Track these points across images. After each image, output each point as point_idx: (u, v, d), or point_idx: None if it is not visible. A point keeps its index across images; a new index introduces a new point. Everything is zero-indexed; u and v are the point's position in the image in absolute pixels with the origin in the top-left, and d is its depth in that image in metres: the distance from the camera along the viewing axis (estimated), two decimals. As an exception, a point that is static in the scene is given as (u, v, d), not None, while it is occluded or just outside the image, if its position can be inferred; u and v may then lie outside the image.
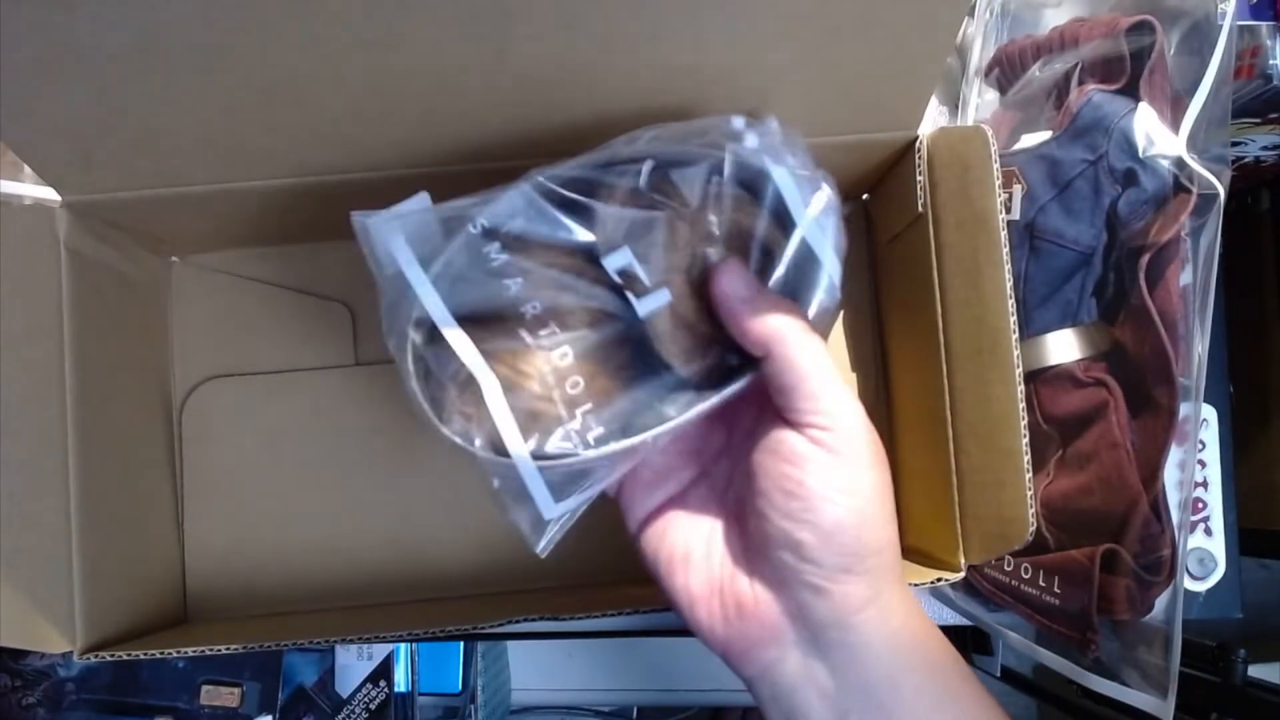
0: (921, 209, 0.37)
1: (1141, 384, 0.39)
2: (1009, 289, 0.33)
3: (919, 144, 0.37)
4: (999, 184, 0.33)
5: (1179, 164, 0.38)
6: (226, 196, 0.36)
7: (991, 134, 0.34)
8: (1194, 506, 0.47)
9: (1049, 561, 0.41)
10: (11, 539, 0.33)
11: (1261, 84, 0.42)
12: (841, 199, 0.31)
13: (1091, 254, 0.40)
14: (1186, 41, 0.39)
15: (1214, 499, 0.47)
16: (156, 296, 0.44)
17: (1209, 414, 0.48)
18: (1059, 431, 0.41)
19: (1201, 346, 0.38)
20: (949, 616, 0.47)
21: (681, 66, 0.31)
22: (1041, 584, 0.41)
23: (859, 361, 0.45)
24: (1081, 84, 0.40)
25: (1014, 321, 0.33)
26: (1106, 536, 0.39)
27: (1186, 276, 0.39)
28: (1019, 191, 0.41)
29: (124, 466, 0.39)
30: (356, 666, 0.56)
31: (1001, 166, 0.34)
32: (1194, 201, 0.38)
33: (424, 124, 0.33)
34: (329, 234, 0.43)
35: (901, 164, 0.39)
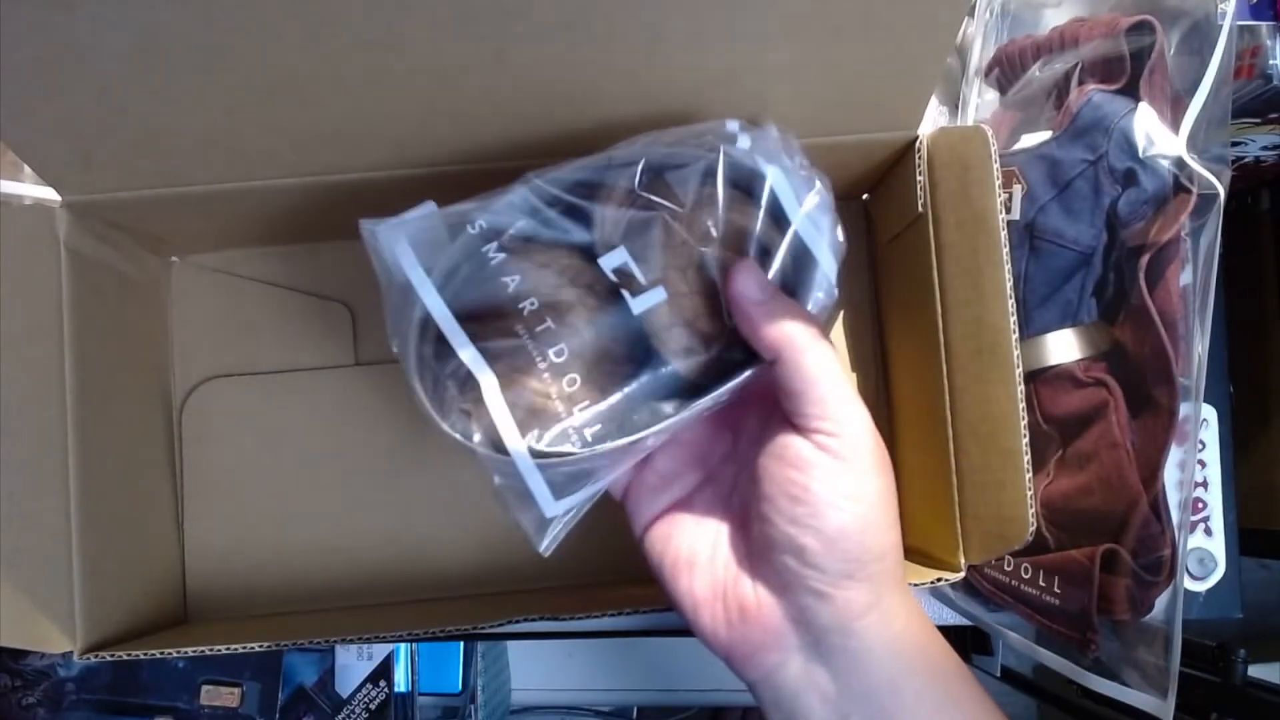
0: (921, 209, 0.37)
1: (1141, 384, 0.39)
2: (1009, 289, 0.33)
3: (919, 144, 0.37)
4: (999, 184, 0.33)
5: (1179, 164, 0.38)
6: (226, 196, 0.36)
7: (991, 134, 0.34)
8: (1194, 506, 0.47)
9: (1049, 561, 0.41)
10: (11, 539, 0.33)
11: (1261, 84, 0.42)
12: (842, 199, 0.32)
13: (1091, 254, 0.40)
14: (1186, 41, 0.39)
15: (1214, 499, 0.47)
16: (156, 296, 0.44)
17: (1209, 414, 0.47)
18: (1059, 431, 0.41)
19: (1201, 346, 0.38)
20: (949, 616, 0.47)
21: (681, 66, 0.31)
22: (1041, 584, 0.41)
23: (859, 361, 0.45)
24: (1081, 84, 0.40)
25: (1014, 321, 0.33)
26: (1106, 536, 0.39)
27: (1186, 276, 0.39)
28: (1019, 191, 0.41)
29: (124, 466, 0.39)
30: (356, 666, 0.56)
31: (1001, 166, 0.34)
32: (1194, 201, 0.38)
33: (424, 124, 0.33)
34: (329, 234, 0.43)
35: (901, 164, 0.39)
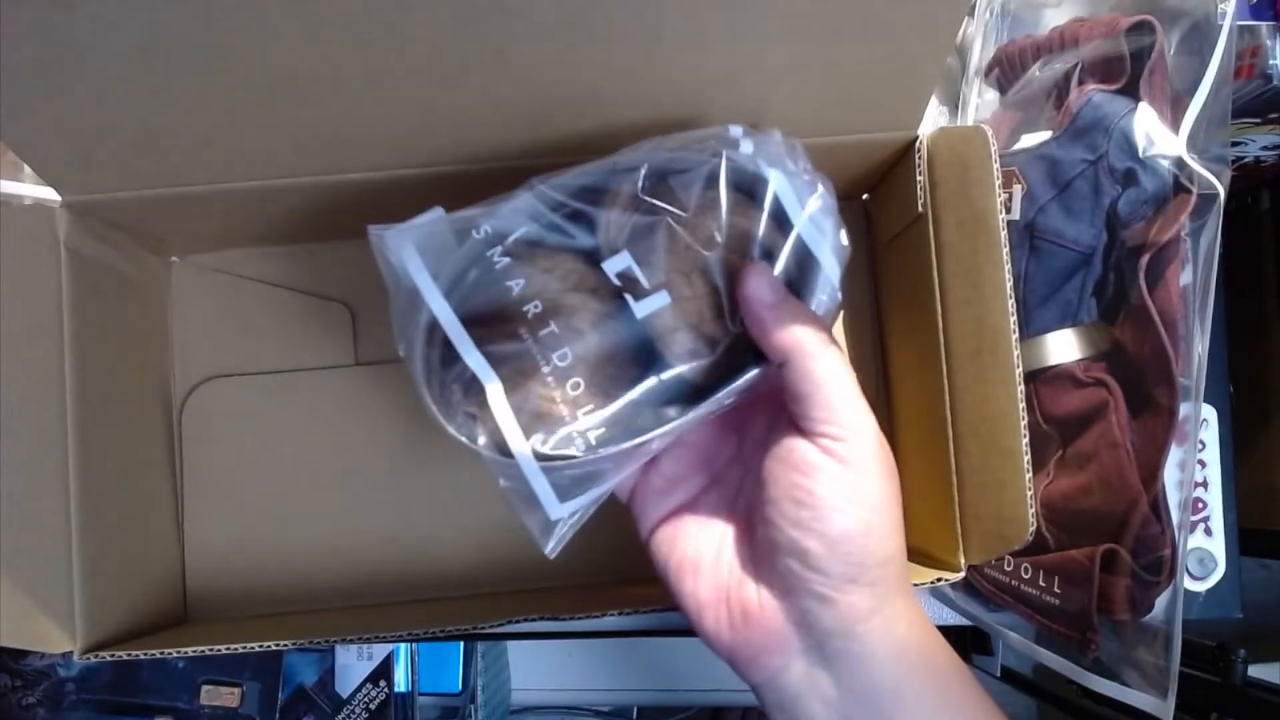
0: (921, 209, 0.37)
1: (1141, 384, 0.39)
2: (1009, 289, 0.33)
3: (919, 144, 0.37)
4: (999, 184, 0.33)
5: (1179, 164, 0.38)
6: (226, 196, 0.36)
7: (991, 134, 0.34)
8: (1194, 506, 0.47)
9: (1049, 561, 0.41)
10: (11, 539, 0.33)
11: (1261, 84, 0.42)
12: (842, 199, 0.32)
13: (1091, 254, 0.40)
14: (1186, 41, 0.39)
15: (1214, 499, 0.47)
16: (156, 296, 0.44)
17: (1209, 414, 0.47)
18: (1059, 431, 0.41)
19: (1201, 346, 0.38)
20: (949, 616, 0.47)
21: (681, 66, 0.31)
22: (1041, 584, 0.41)
23: (859, 361, 0.45)
24: (1081, 84, 0.40)
25: (1014, 321, 0.33)
26: (1106, 536, 0.39)
27: (1186, 276, 0.39)
28: (1019, 191, 0.41)
29: (124, 466, 0.39)
30: (356, 666, 0.56)
31: (1001, 166, 0.34)
32: (1194, 201, 0.38)
33: (424, 124, 0.33)
34: (329, 234, 0.43)
35: (901, 164, 0.39)
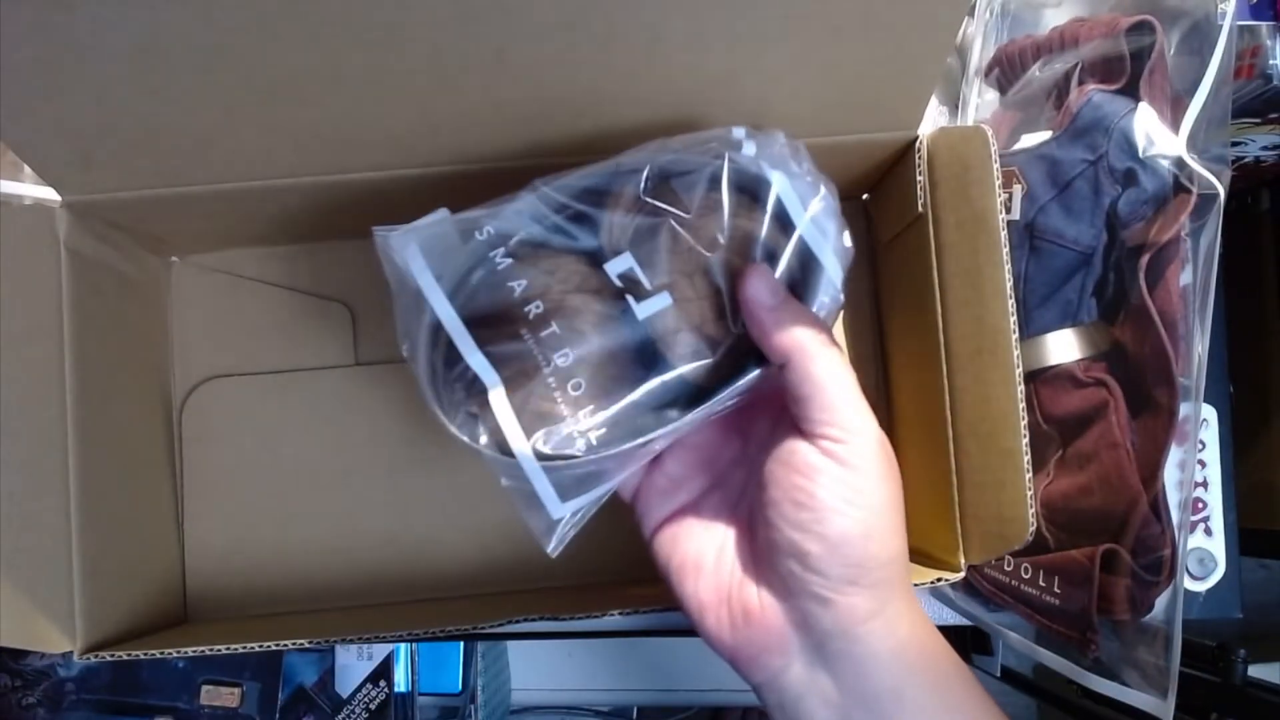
0: (921, 209, 0.37)
1: (1141, 384, 0.39)
2: (1009, 289, 0.33)
3: (919, 144, 0.37)
4: (999, 184, 0.33)
5: (1179, 164, 0.38)
6: (226, 196, 0.36)
7: (991, 134, 0.34)
8: (1194, 506, 0.47)
9: (1049, 561, 0.41)
10: (11, 539, 0.33)
11: (1261, 84, 0.42)
12: (842, 199, 0.32)
13: (1091, 254, 0.40)
14: (1186, 41, 0.39)
15: (1214, 499, 0.47)
16: (156, 296, 0.44)
17: (1209, 414, 0.47)
18: (1059, 431, 0.41)
19: (1201, 346, 0.38)
20: (949, 616, 0.47)
21: (681, 67, 0.31)
22: (1041, 584, 0.41)
23: (859, 361, 0.45)
24: (1081, 84, 0.40)
25: (1014, 321, 0.33)
26: (1106, 536, 0.39)
27: (1186, 276, 0.39)
28: (1019, 191, 0.41)
29: (124, 466, 0.39)
30: (356, 666, 0.56)
31: (1001, 166, 0.34)
32: (1194, 201, 0.38)
33: (424, 124, 0.33)
34: (329, 234, 0.43)
35: (901, 164, 0.39)
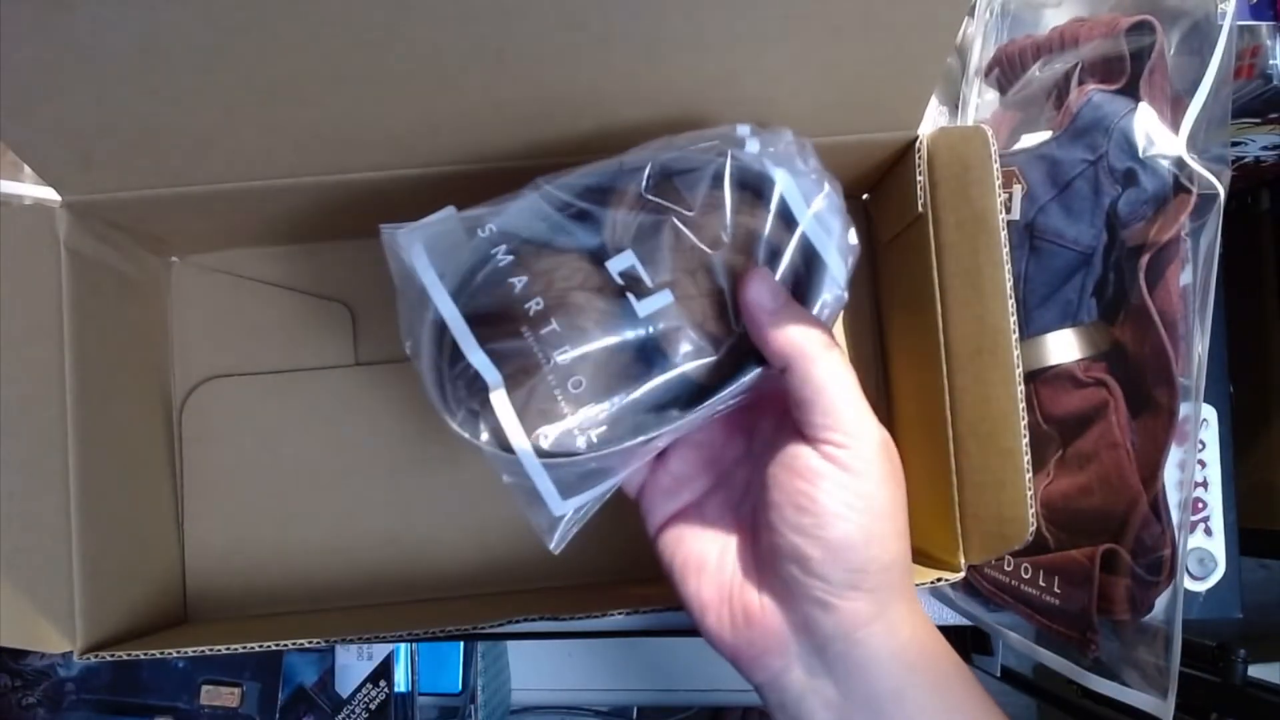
0: (921, 209, 0.37)
1: (1141, 384, 0.39)
2: (1009, 289, 0.33)
3: (919, 144, 0.37)
4: (999, 184, 0.33)
5: (1179, 164, 0.38)
6: (226, 196, 0.36)
7: (991, 134, 0.34)
8: (1194, 506, 0.47)
9: (1049, 561, 0.41)
10: (11, 539, 0.33)
11: (1261, 84, 0.42)
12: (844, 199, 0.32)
13: (1091, 254, 0.40)
14: (1186, 41, 0.39)
15: (1214, 499, 0.47)
16: (156, 296, 0.44)
17: (1209, 414, 0.47)
18: (1059, 431, 0.41)
19: (1201, 346, 0.38)
20: (949, 616, 0.47)
21: (682, 67, 0.31)
22: (1041, 584, 0.41)
23: (859, 361, 0.45)
24: (1081, 84, 0.40)
25: (1014, 321, 0.33)
26: (1106, 536, 0.39)
27: (1186, 276, 0.39)
28: (1019, 191, 0.41)
29: (124, 466, 0.39)
30: (356, 666, 0.56)
31: (1001, 166, 0.34)
32: (1194, 201, 0.38)
33: (424, 124, 0.33)
34: (329, 234, 0.43)
35: (901, 164, 0.39)
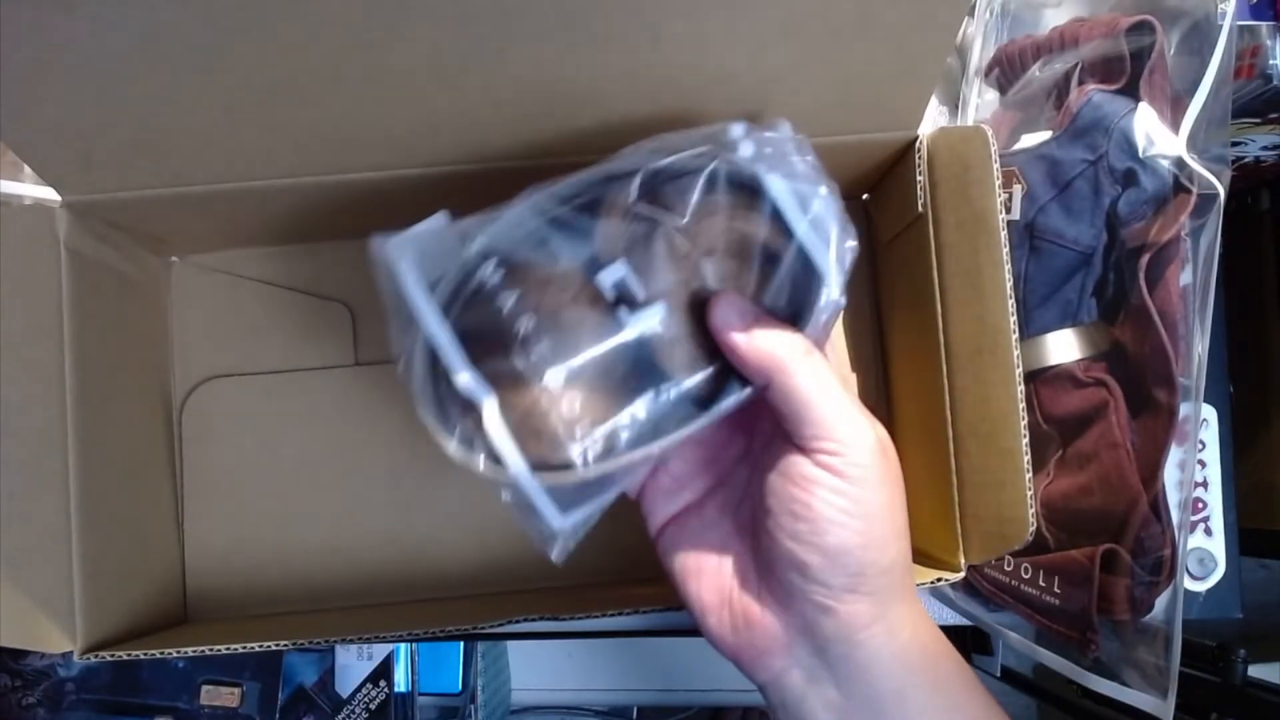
0: (921, 209, 0.37)
1: (1141, 384, 0.39)
2: (1009, 289, 0.33)
3: (919, 144, 0.37)
4: (999, 184, 0.33)
5: (1179, 164, 0.38)
6: (226, 196, 0.36)
7: (991, 134, 0.34)
8: (1194, 506, 0.47)
9: (1049, 561, 0.41)
10: (11, 539, 0.33)
11: (1261, 84, 0.42)
12: (842, 199, 0.31)
13: (1091, 254, 0.40)
14: (1186, 41, 0.39)
15: (1214, 499, 0.47)
16: (156, 296, 0.44)
17: (1209, 414, 0.48)
18: (1059, 431, 0.41)
19: (1201, 346, 0.38)
20: (949, 616, 0.47)
21: (682, 67, 0.31)
22: (1041, 584, 0.41)
23: (859, 361, 0.45)
24: (1081, 84, 0.40)
25: (1014, 321, 0.33)
26: (1106, 536, 0.39)
27: (1186, 276, 0.39)
28: (1019, 191, 0.41)
29: (124, 466, 0.39)
30: (356, 666, 0.56)
31: (1001, 166, 0.34)
32: (1194, 201, 0.38)
33: (424, 124, 0.33)
34: (329, 234, 0.43)
35: (901, 164, 0.39)
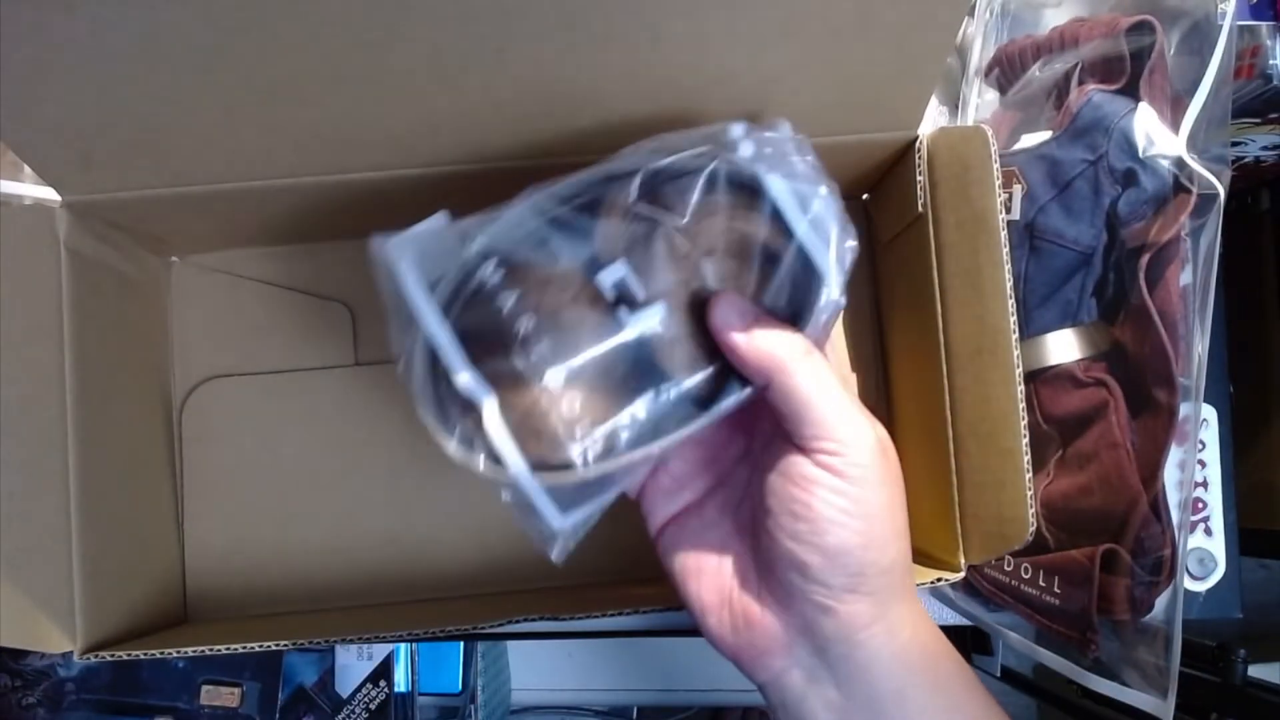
0: (921, 209, 0.37)
1: (1141, 384, 0.39)
2: (1009, 289, 0.33)
3: (919, 144, 0.37)
4: (999, 184, 0.33)
5: (1179, 164, 0.38)
6: (226, 196, 0.36)
7: (991, 134, 0.34)
8: (1194, 506, 0.47)
9: (1049, 561, 0.41)
10: (11, 539, 0.33)
11: (1261, 84, 0.42)
12: (842, 199, 0.31)
13: (1091, 254, 0.40)
14: (1186, 41, 0.39)
15: (1214, 499, 0.47)
16: (156, 296, 0.44)
17: (1209, 414, 0.48)
18: (1059, 431, 0.41)
19: (1201, 346, 0.38)
20: (949, 616, 0.47)
21: (682, 67, 0.31)
22: (1041, 584, 0.41)
23: (859, 361, 0.45)
24: (1081, 84, 0.40)
25: (1014, 321, 0.33)
26: (1106, 536, 0.39)
27: (1186, 276, 0.39)
28: (1019, 191, 0.41)
29: (124, 466, 0.39)
30: (356, 666, 0.56)
31: (1001, 166, 0.34)
32: (1194, 201, 0.38)
33: (424, 124, 0.33)
34: (329, 234, 0.43)
35: (901, 164, 0.39)
